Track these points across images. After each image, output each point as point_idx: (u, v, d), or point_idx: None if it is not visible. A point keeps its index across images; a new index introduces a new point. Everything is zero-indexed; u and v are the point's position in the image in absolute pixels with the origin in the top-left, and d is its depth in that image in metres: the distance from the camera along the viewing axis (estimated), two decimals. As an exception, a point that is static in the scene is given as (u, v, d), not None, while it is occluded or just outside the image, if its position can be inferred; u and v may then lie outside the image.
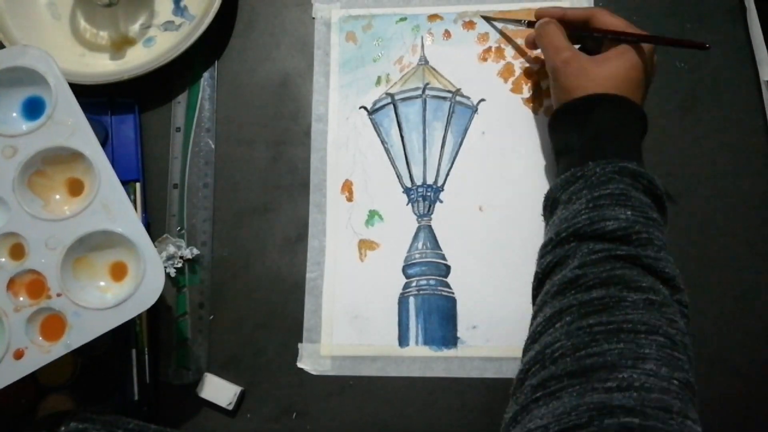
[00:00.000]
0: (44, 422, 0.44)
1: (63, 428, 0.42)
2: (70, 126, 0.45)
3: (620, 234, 0.41)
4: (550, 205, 0.48)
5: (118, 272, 0.46)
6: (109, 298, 0.44)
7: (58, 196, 0.47)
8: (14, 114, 0.47)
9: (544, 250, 0.45)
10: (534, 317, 0.43)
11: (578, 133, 0.47)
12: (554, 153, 0.52)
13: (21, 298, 0.44)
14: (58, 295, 0.43)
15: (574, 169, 0.46)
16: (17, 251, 0.44)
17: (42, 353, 0.42)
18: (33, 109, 0.47)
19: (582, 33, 0.52)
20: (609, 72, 0.47)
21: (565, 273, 0.41)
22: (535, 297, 0.46)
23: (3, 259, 0.44)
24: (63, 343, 0.42)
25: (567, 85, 0.48)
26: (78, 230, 0.44)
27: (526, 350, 0.42)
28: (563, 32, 0.51)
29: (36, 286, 0.44)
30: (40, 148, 0.45)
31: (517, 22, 0.57)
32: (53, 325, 0.43)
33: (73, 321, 0.43)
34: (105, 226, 0.44)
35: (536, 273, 0.45)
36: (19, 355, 0.42)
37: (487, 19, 0.60)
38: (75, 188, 0.47)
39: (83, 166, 0.46)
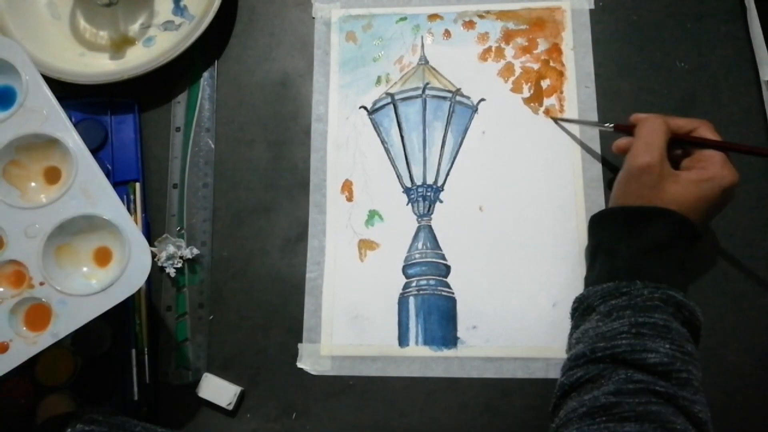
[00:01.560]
0: (49, 424, 0.44)
1: (69, 430, 0.42)
2: (44, 113, 0.45)
3: (661, 369, 0.40)
4: (583, 309, 0.47)
5: (103, 257, 0.45)
6: (95, 284, 0.44)
7: (33, 184, 0.46)
8: None
9: (574, 363, 0.43)
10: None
11: (628, 240, 0.46)
12: (591, 246, 0.50)
13: (2, 289, 0.43)
14: (41, 284, 0.43)
15: (619, 283, 0.44)
16: None
17: (28, 344, 0.42)
18: (4, 99, 0.46)
19: (676, 141, 0.48)
20: (679, 194, 0.46)
21: (597, 396, 0.40)
22: (555, 407, 0.44)
23: None
24: (50, 332, 0.42)
25: (633, 189, 0.47)
26: (58, 217, 0.44)
27: None
28: (667, 136, 0.47)
29: (17, 276, 0.43)
30: (12, 136, 0.45)
31: (600, 124, 0.54)
32: (38, 314, 0.43)
33: (59, 309, 0.42)
34: (85, 211, 0.44)
35: (561, 384, 0.44)
36: (3, 348, 0.42)
37: (560, 120, 0.57)
38: (52, 176, 0.46)
39: (59, 153, 0.45)
